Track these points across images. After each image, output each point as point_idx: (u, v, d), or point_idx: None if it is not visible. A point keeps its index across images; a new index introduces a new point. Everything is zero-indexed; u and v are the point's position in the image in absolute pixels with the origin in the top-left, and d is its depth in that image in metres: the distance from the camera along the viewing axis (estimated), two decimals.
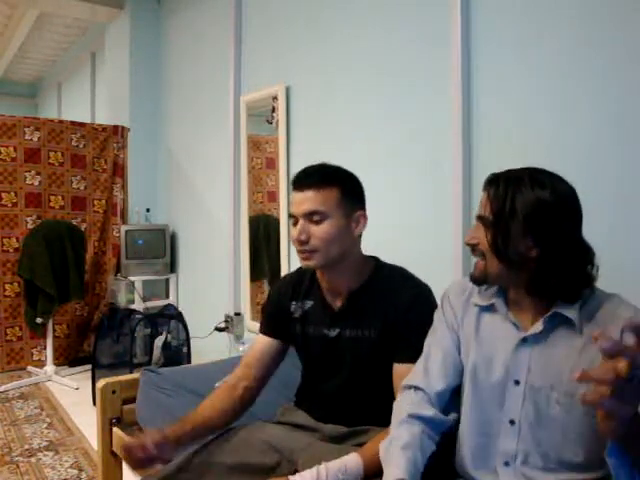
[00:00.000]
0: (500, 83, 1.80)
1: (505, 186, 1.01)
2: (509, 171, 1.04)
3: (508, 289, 1.06)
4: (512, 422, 1.01)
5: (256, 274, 3.06)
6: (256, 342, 1.43)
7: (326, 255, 1.23)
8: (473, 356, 1.08)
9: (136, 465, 1.23)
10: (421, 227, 2.06)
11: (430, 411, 1.06)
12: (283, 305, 1.39)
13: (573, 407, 0.95)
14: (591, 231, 1.03)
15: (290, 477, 1.09)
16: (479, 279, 1.06)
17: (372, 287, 1.28)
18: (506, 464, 1.01)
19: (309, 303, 1.35)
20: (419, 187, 2.08)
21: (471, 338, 1.09)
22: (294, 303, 1.37)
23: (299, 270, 1.42)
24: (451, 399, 1.11)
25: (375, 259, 1.35)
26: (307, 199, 1.23)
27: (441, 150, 1.97)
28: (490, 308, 1.09)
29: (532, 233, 0.97)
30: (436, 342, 1.15)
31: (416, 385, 1.10)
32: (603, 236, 1.04)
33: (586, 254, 1.00)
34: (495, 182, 1.03)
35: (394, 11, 2.18)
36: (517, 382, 1.01)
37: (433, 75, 2.02)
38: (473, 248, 1.06)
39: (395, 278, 1.29)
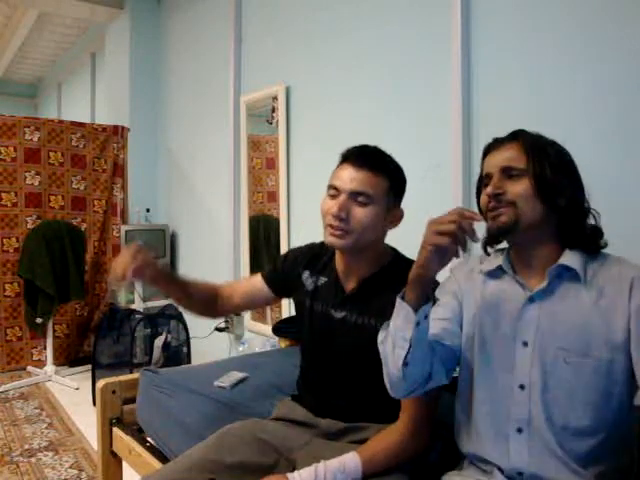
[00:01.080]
0: (500, 83, 1.80)
1: (534, 139, 1.04)
2: (521, 130, 1.08)
3: (524, 244, 1.04)
4: (522, 387, 1.00)
5: (260, 266, 3.05)
6: (254, 280, 1.48)
7: (358, 240, 1.21)
8: (481, 319, 1.07)
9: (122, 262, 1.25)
10: (421, 229, 2.06)
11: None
12: (295, 269, 1.40)
13: (582, 366, 0.95)
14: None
15: (288, 475, 1.09)
16: (507, 227, 1.01)
17: (386, 277, 1.27)
18: (519, 430, 1.00)
19: (323, 279, 1.35)
20: (419, 187, 2.07)
21: (477, 302, 1.08)
22: (307, 273, 1.37)
23: (322, 244, 1.40)
24: (447, 356, 1.07)
25: (394, 250, 1.34)
26: (359, 178, 1.20)
27: (441, 150, 1.97)
28: (496, 274, 1.08)
29: (566, 179, 1.01)
30: (434, 308, 1.11)
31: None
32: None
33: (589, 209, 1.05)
34: (523, 135, 1.05)
35: (394, 11, 2.18)
36: (525, 343, 1.00)
37: (433, 75, 2.02)
38: (497, 198, 1.02)
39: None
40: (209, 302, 1.46)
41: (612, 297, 0.96)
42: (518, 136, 1.06)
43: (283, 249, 2.76)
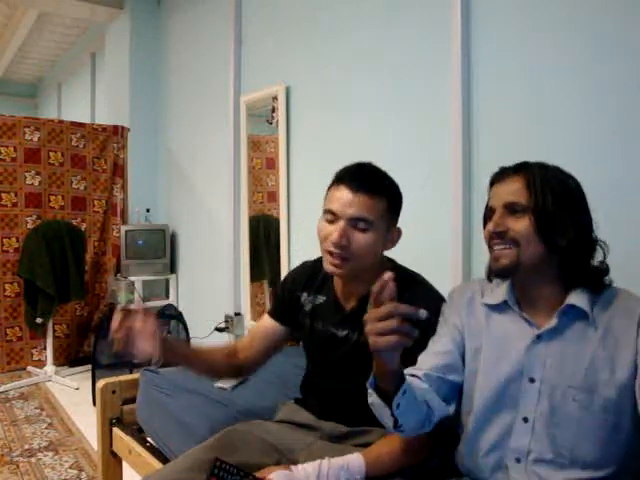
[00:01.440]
0: (500, 83, 1.80)
1: (540, 172, 1.01)
2: (527, 162, 1.05)
3: (527, 283, 1.04)
4: (525, 420, 1.00)
5: (256, 274, 3.06)
6: (263, 321, 1.43)
7: (356, 266, 1.19)
8: (486, 352, 1.06)
9: (118, 330, 1.21)
10: (420, 228, 2.06)
11: (424, 386, 1.04)
12: (294, 294, 1.38)
13: (590, 404, 0.95)
14: (596, 220, 1.04)
15: (292, 467, 1.09)
16: (509, 269, 1.01)
17: None
18: (517, 460, 1.00)
19: (321, 298, 1.34)
20: (419, 187, 2.08)
21: (481, 336, 1.08)
22: (305, 295, 1.36)
23: (317, 260, 1.39)
24: (449, 393, 1.09)
25: (392, 262, 1.32)
26: (358, 203, 1.15)
27: (441, 149, 1.97)
28: (500, 307, 1.07)
29: (569, 217, 0.99)
30: (433, 341, 1.14)
31: (411, 373, 1.08)
32: (604, 234, 1.04)
33: (597, 244, 1.03)
34: (527, 169, 1.03)
35: (394, 11, 2.18)
36: (532, 380, 1.00)
37: (433, 75, 2.02)
38: (500, 236, 1.01)
39: (411, 286, 1.25)
40: (230, 364, 1.38)
41: (619, 334, 0.96)
42: (523, 169, 1.03)
43: (283, 249, 2.76)
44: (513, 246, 1.00)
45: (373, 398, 0.97)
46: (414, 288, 1.26)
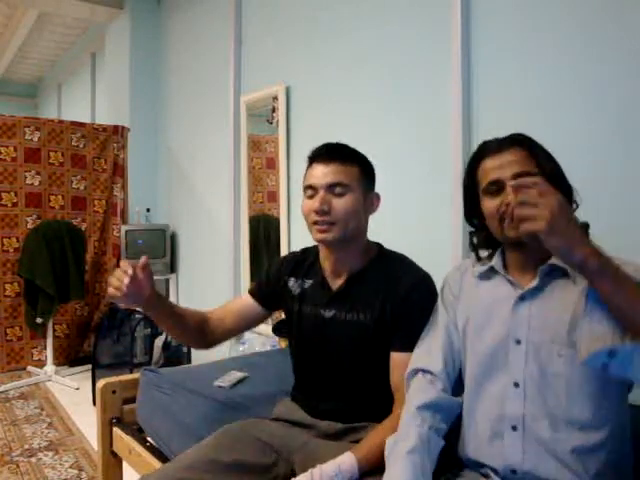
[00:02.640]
0: (500, 83, 1.80)
1: (530, 141, 1.05)
2: (520, 134, 1.08)
3: (526, 247, 1.01)
4: (516, 384, 1.00)
5: (256, 274, 3.06)
6: (241, 299, 1.46)
7: (344, 228, 1.23)
8: (474, 321, 1.08)
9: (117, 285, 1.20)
10: (421, 226, 2.07)
11: (439, 392, 1.06)
12: (280, 278, 1.40)
13: (575, 358, 0.94)
14: (592, 232, 1.02)
15: None
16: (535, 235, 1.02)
17: (373, 271, 1.28)
18: (514, 428, 1.00)
19: (309, 282, 1.36)
20: (419, 186, 2.08)
21: (470, 305, 1.10)
22: (293, 279, 1.38)
23: (304, 249, 1.44)
24: (458, 383, 1.11)
25: (379, 245, 1.35)
26: (331, 171, 1.24)
27: (441, 149, 1.97)
28: (488, 274, 1.09)
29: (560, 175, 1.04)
30: (436, 324, 1.15)
31: (422, 368, 1.11)
32: (604, 233, 1.04)
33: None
34: (522, 140, 1.06)
35: (394, 11, 2.18)
36: (518, 341, 1.01)
37: (433, 75, 2.02)
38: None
39: (397, 265, 1.29)
40: (200, 330, 1.40)
41: None
42: (520, 141, 1.06)
43: (283, 249, 2.76)
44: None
45: None
46: (397, 264, 1.30)
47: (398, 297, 1.23)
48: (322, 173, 1.25)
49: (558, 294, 1.00)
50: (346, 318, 1.27)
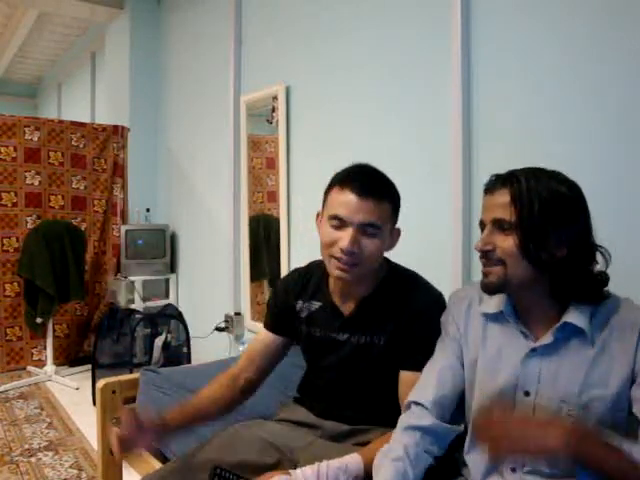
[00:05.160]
0: (500, 83, 1.80)
1: (527, 185, 0.95)
2: (519, 170, 0.99)
3: (522, 296, 1.02)
4: None
5: (256, 274, 3.06)
6: (260, 336, 1.42)
7: (364, 270, 1.19)
8: (481, 364, 1.05)
9: (122, 446, 1.15)
10: (420, 228, 2.06)
11: (429, 420, 1.04)
12: (289, 303, 1.37)
13: (585, 418, 0.93)
14: (595, 220, 1.02)
15: (291, 471, 1.09)
16: (496, 287, 0.99)
17: (384, 292, 1.26)
18: (513, 470, 1.00)
19: (316, 304, 1.33)
20: (419, 187, 2.08)
21: (477, 347, 1.07)
22: (300, 302, 1.35)
23: (309, 266, 1.40)
24: (456, 411, 1.09)
25: (387, 261, 1.32)
26: (367, 209, 1.14)
27: (441, 150, 1.97)
28: (497, 317, 1.05)
29: (560, 231, 0.94)
30: (438, 353, 1.14)
31: (415, 400, 1.09)
32: (605, 237, 1.03)
33: (597, 250, 0.98)
34: (514, 181, 0.97)
35: (394, 11, 2.18)
36: (527, 393, 0.99)
37: (433, 75, 2.02)
38: (487, 255, 0.99)
39: (408, 284, 1.27)
40: (230, 397, 1.35)
41: (616, 348, 0.94)
42: (510, 181, 0.98)
43: (283, 249, 2.76)
44: (500, 265, 0.97)
45: None
46: (409, 284, 1.27)
47: (411, 319, 1.21)
48: (355, 207, 1.14)
49: (572, 353, 0.96)
50: (359, 342, 1.26)
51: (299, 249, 2.69)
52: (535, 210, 0.94)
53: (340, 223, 1.16)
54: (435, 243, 1.98)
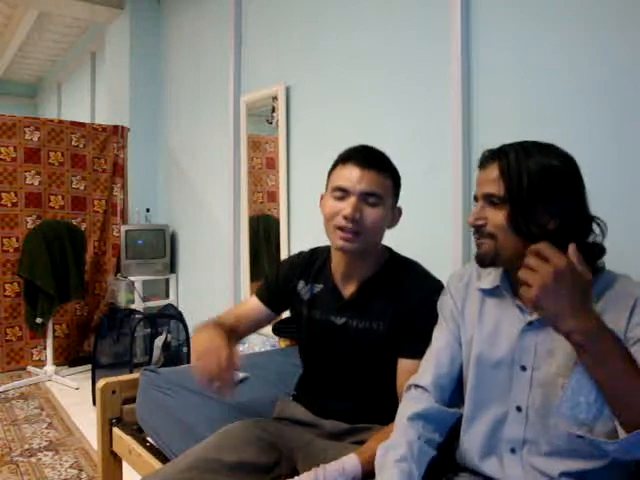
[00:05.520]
0: (500, 83, 1.80)
1: (516, 159, 0.96)
2: (508, 145, 1.00)
3: (515, 270, 1.00)
4: (519, 409, 0.99)
5: (256, 274, 3.06)
6: (249, 301, 1.44)
7: (368, 240, 1.20)
8: (478, 340, 1.05)
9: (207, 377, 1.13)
10: (420, 224, 2.06)
11: (429, 403, 1.05)
12: (290, 281, 1.38)
13: None
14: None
15: None
16: (488, 260, 1.00)
17: (385, 278, 1.26)
18: (512, 451, 0.99)
19: (318, 287, 1.33)
20: (419, 187, 2.08)
21: (474, 323, 1.07)
22: (302, 283, 1.36)
23: (313, 250, 1.41)
24: (455, 392, 1.09)
25: (389, 249, 1.33)
26: (368, 179, 1.18)
27: (441, 149, 1.97)
28: (494, 292, 1.06)
29: (550, 204, 0.94)
30: (436, 337, 1.14)
31: (415, 383, 1.10)
32: (606, 223, 1.03)
33: (594, 222, 0.98)
34: (502, 156, 0.98)
35: (394, 11, 2.18)
36: (524, 368, 0.99)
37: (433, 75, 2.02)
38: (478, 230, 1.00)
39: (409, 272, 1.28)
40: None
41: (610, 318, 0.92)
42: (499, 155, 0.99)
43: (283, 249, 2.76)
44: (490, 239, 0.99)
45: None
46: (409, 271, 1.28)
47: (411, 308, 1.21)
48: (357, 177, 1.19)
49: None
50: (358, 326, 1.26)
51: (299, 249, 2.69)
52: (524, 183, 0.94)
53: (343, 194, 1.19)
54: (435, 239, 1.98)
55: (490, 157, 1.01)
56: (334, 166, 1.27)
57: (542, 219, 0.95)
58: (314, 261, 1.38)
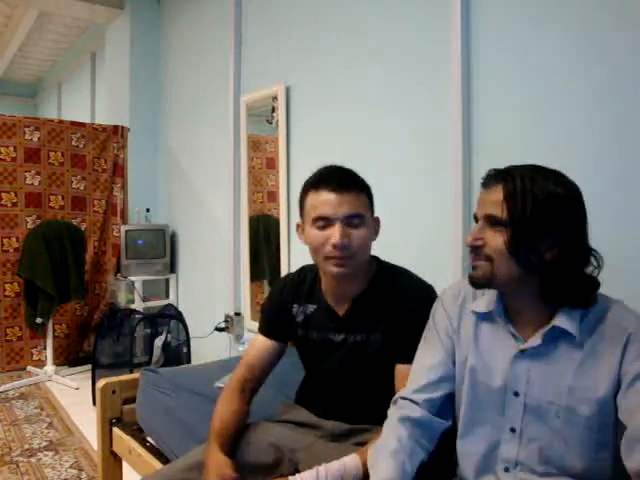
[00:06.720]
0: (500, 83, 1.80)
1: (522, 184, 0.93)
2: (514, 167, 0.98)
3: (511, 296, 1.01)
4: (513, 430, 1.00)
5: (256, 274, 3.06)
6: (256, 342, 1.41)
7: (359, 261, 1.21)
8: (472, 362, 1.05)
9: None
10: (420, 227, 2.06)
11: (418, 413, 1.05)
12: (284, 308, 1.37)
13: (573, 421, 0.94)
14: (593, 232, 1.01)
15: (290, 477, 1.09)
16: (482, 282, 0.99)
17: (377, 290, 1.27)
18: (506, 470, 1.00)
19: (311, 307, 1.34)
20: (419, 186, 2.08)
21: (469, 344, 1.06)
22: (296, 306, 1.36)
23: (301, 270, 1.41)
24: (445, 406, 1.09)
25: (376, 259, 1.33)
26: (347, 201, 1.17)
27: (442, 149, 1.97)
28: (488, 316, 1.05)
29: (551, 233, 0.93)
30: (425, 349, 1.13)
31: (404, 396, 1.09)
32: (604, 237, 1.03)
33: (591, 255, 0.97)
34: (508, 178, 0.95)
35: (394, 11, 2.18)
36: (516, 394, 0.99)
37: (433, 75, 2.02)
38: (475, 250, 0.98)
39: (400, 280, 1.28)
40: (245, 410, 1.33)
41: (604, 353, 0.93)
42: (504, 178, 0.96)
43: (283, 249, 2.76)
44: (487, 261, 0.97)
45: None
46: (399, 279, 1.28)
47: (404, 315, 1.22)
48: (337, 203, 1.17)
49: (561, 356, 0.96)
50: (356, 340, 1.27)
51: (299, 249, 2.69)
52: (527, 210, 0.92)
53: (325, 222, 1.19)
54: (435, 241, 1.98)
55: (495, 178, 0.98)
56: (305, 192, 1.25)
57: (541, 248, 0.94)
58: (303, 281, 1.37)
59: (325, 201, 1.18)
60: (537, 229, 0.93)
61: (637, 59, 1.45)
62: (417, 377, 1.10)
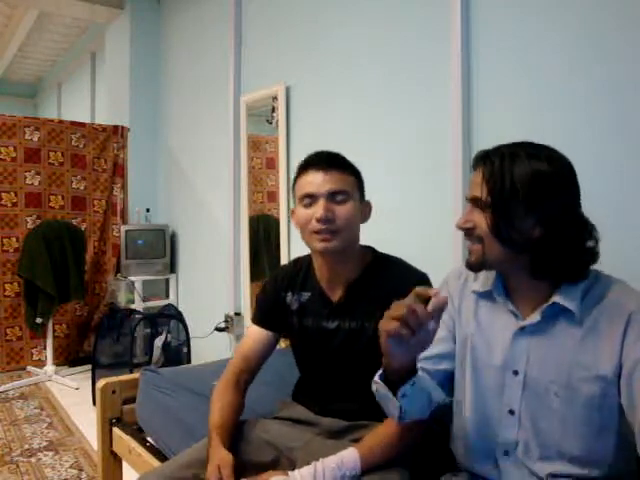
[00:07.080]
0: (500, 83, 1.80)
1: (500, 163, 0.93)
2: (500, 147, 0.98)
3: (507, 274, 1.01)
4: (511, 412, 0.99)
5: (256, 274, 3.06)
6: (250, 333, 1.41)
7: (346, 237, 1.22)
8: (473, 342, 1.05)
9: None
10: (420, 225, 2.07)
11: (422, 374, 1.04)
12: (278, 296, 1.38)
13: (572, 400, 0.93)
14: (595, 219, 1.00)
15: (290, 473, 1.09)
16: (476, 265, 1.00)
17: (371, 277, 1.28)
18: (506, 453, 1.00)
19: (306, 295, 1.34)
20: (420, 186, 2.08)
21: (470, 324, 1.07)
22: (290, 294, 1.36)
23: (295, 261, 1.42)
24: (443, 383, 1.09)
25: (372, 249, 1.34)
26: (332, 179, 1.22)
27: (442, 149, 1.97)
28: (487, 295, 1.05)
29: (534, 211, 0.92)
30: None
31: None
32: (604, 237, 1.03)
33: (587, 228, 0.96)
34: (488, 159, 0.96)
35: (394, 11, 2.18)
36: (516, 372, 0.99)
37: (433, 75, 2.02)
38: (468, 233, 0.99)
39: (394, 268, 1.29)
40: (242, 401, 1.33)
41: (605, 332, 0.92)
42: (484, 159, 0.97)
43: (283, 249, 2.76)
44: (479, 242, 0.97)
45: (379, 387, 0.98)
46: (394, 267, 1.29)
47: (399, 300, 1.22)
48: (322, 181, 1.23)
49: (560, 334, 0.95)
50: (349, 327, 1.27)
51: (299, 249, 2.69)
52: (505, 190, 0.92)
53: (311, 200, 1.23)
54: (435, 241, 1.98)
55: (479, 159, 0.99)
56: (296, 178, 1.30)
57: (525, 226, 0.93)
58: (298, 271, 1.38)
59: (311, 180, 1.24)
60: (517, 209, 0.92)
61: (637, 59, 1.45)
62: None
